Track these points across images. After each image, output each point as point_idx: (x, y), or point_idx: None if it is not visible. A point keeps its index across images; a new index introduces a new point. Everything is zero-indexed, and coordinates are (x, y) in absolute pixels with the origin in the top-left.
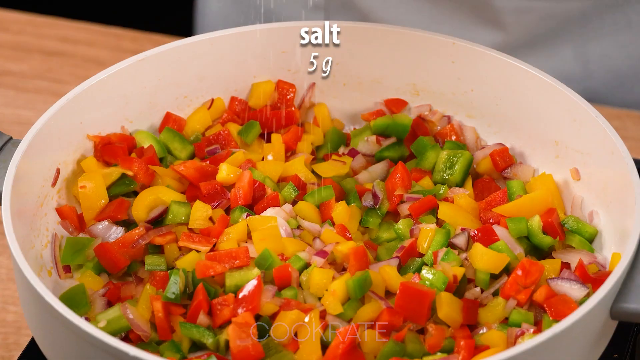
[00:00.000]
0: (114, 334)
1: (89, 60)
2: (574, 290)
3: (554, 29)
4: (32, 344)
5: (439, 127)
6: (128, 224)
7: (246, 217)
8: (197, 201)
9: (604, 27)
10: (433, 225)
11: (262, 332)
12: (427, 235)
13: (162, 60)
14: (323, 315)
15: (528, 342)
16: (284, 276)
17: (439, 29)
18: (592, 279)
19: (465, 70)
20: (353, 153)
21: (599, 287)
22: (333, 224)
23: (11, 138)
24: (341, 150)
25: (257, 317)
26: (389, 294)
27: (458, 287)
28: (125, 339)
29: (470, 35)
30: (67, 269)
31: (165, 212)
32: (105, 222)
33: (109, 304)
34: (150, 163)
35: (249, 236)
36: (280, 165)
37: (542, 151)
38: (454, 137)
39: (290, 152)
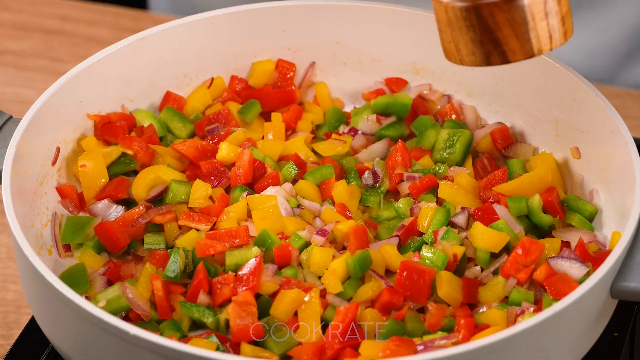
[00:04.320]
0: (114, 313)
1: (89, 39)
2: (574, 269)
3: None
4: (32, 322)
5: (439, 106)
6: (128, 203)
7: (246, 196)
8: (197, 180)
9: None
10: (433, 204)
11: (262, 311)
12: (427, 214)
13: (162, 39)
14: (323, 294)
15: (528, 321)
16: (284, 255)
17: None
18: (592, 257)
19: None
20: (353, 132)
21: (599, 266)
22: (333, 203)
23: (11, 117)
24: (341, 129)
25: (257, 296)
26: (389, 272)
27: (458, 266)
28: (126, 318)
29: None
30: (67, 247)
31: (165, 191)
32: (105, 201)
33: (109, 283)
34: (150, 142)
35: (249, 215)
36: (280, 144)
37: (542, 130)
38: (454, 116)
39: (290, 131)
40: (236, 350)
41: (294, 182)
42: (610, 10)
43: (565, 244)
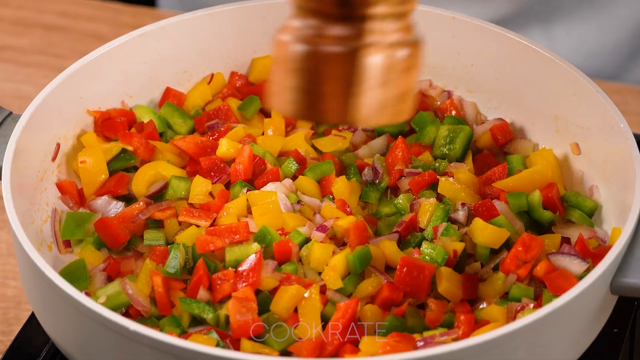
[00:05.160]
0: (114, 309)
1: (89, 35)
2: (574, 265)
3: (518, 9)
4: (32, 318)
5: (439, 102)
6: (128, 199)
7: (246, 192)
8: (197, 176)
9: (567, 3)
10: (433, 200)
11: (263, 307)
12: (427, 210)
13: (162, 35)
14: (323, 290)
15: (528, 317)
16: (284, 251)
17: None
18: (592, 253)
19: (466, 45)
20: (353, 128)
21: (599, 262)
22: (333, 199)
23: (11, 113)
24: (341, 125)
25: (257, 292)
26: (389, 268)
27: (458, 262)
28: (126, 314)
29: None
30: (67, 243)
31: (165, 187)
32: (105, 197)
33: (109, 279)
34: (150, 138)
35: (249, 211)
36: (280, 140)
37: (542, 126)
38: (454, 112)
39: (290, 127)
40: (236, 346)
41: (294, 178)
42: (612, 9)
43: (565, 240)
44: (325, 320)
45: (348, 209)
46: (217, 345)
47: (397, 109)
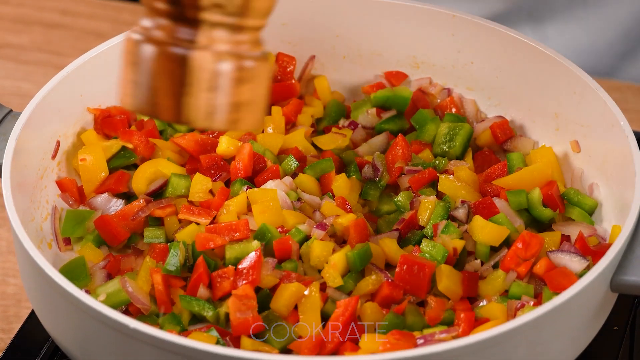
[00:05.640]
0: (114, 307)
1: (89, 32)
2: (574, 262)
3: (510, 7)
4: (32, 316)
5: (439, 100)
6: (128, 197)
7: (246, 189)
8: (197, 174)
9: (559, 2)
10: (433, 198)
11: (263, 305)
12: (427, 207)
13: None
14: (323, 287)
15: (528, 315)
16: (284, 249)
17: None
18: (592, 251)
19: (466, 43)
20: (353, 125)
21: (599, 260)
22: (333, 197)
23: (11, 110)
24: (341, 122)
25: (257, 290)
26: (389, 266)
27: (458, 260)
28: (126, 312)
29: None
30: (67, 241)
31: (165, 184)
32: (105, 195)
33: (109, 277)
34: (150, 136)
35: (249, 209)
36: (280, 138)
37: (542, 123)
38: (454, 110)
39: (290, 124)
40: (236, 344)
41: (294, 175)
42: (605, 9)
43: (565, 238)
44: (325, 317)
45: (348, 207)
46: (217, 342)
47: (233, 117)
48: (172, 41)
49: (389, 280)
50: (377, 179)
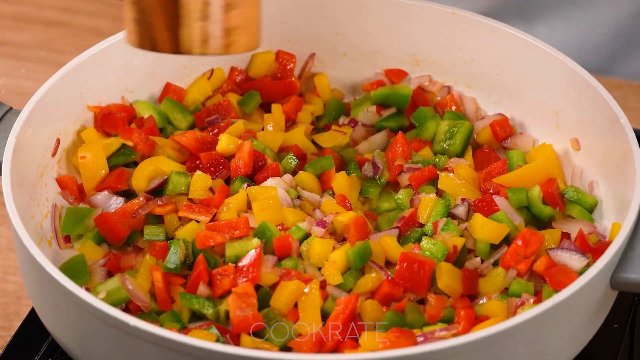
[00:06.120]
0: (114, 304)
1: (89, 30)
2: (574, 260)
3: (499, 4)
4: (32, 314)
5: (439, 98)
6: (128, 194)
7: (246, 187)
8: (197, 171)
9: (549, 1)
10: (433, 196)
11: (263, 303)
12: (427, 205)
13: None
14: (323, 285)
15: (528, 312)
16: (284, 246)
17: None
18: (592, 249)
19: (465, 41)
20: (353, 123)
21: (599, 257)
22: (333, 194)
23: (11, 108)
24: (341, 120)
25: (257, 288)
26: (389, 264)
27: (458, 258)
28: (126, 309)
29: None
30: (67, 239)
31: (165, 182)
32: (105, 193)
33: (109, 274)
34: (150, 133)
35: (249, 206)
36: (280, 136)
37: (542, 121)
38: (454, 108)
39: (290, 122)
40: (236, 342)
41: (294, 173)
42: (594, 8)
43: (565, 235)
44: (325, 315)
45: (348, 205)
46: (217, 340)
47: (227, 41)
48: None
49: (389, 278)
50: (377, 176)
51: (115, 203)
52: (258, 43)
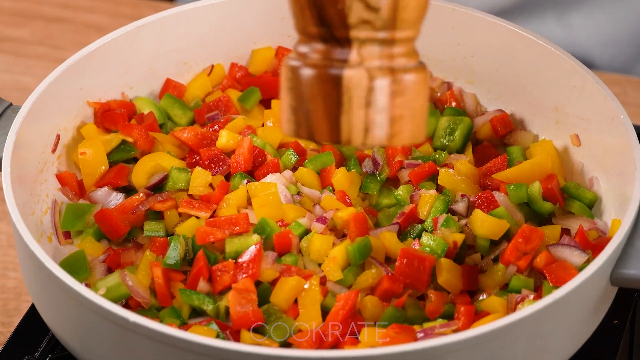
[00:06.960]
0: (114, 301)
1: (89, 26)
2: (574, 256)
3: None
4: (32, 310)
5: (439, 94)
6: (128, 190)
7: (246, 183)
8: (197, 167)
9: None
10: (433, 192)
11: (263, 299)
12: (427, 201)
13: (162, 27)
14: (323, 281)
15: (528, 308)
16: (284, 242)
17: None
18: (592, 245)
19: (465, 37)
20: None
21: (599, 253)
22: (333, 190)
23: (11, 104)
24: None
25: (257, 284)
26: (389, 260)
27: (458, 254)
28: (126, 305)
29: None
30: (67, 235)
31: (165, 178)
32: (105, 189)
33: (109, 270)
34: (150, 129)
35: (249, 202)
36: (280, 132)
37: (542, 117)
38: (454, 104)
39: None
40: (236, 338)
41: (294, 169)
42: (630, 1)
43: (565, 232)
44: (325, 311)
45: (348, 201)
46: (217, 336)
47: (392, 131)
48: (325, 63)
49: (389, 274)
50: (377, 172)
51: (115, 199)
52: (423, 136)
